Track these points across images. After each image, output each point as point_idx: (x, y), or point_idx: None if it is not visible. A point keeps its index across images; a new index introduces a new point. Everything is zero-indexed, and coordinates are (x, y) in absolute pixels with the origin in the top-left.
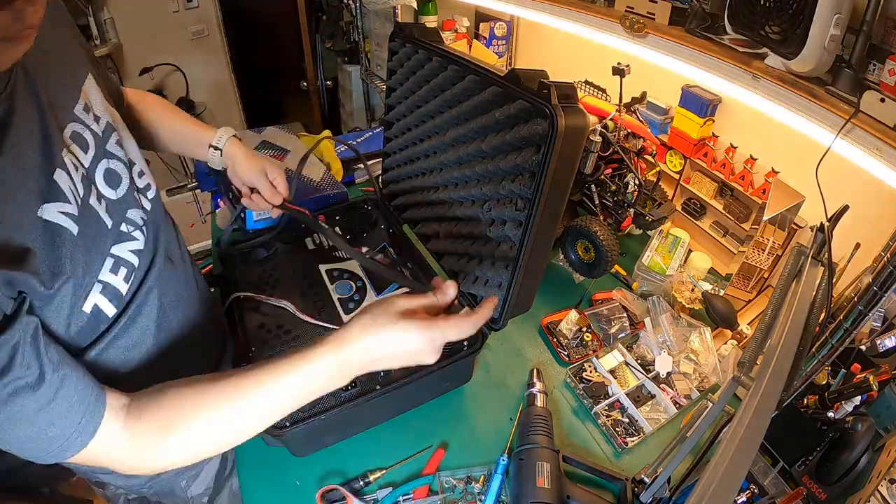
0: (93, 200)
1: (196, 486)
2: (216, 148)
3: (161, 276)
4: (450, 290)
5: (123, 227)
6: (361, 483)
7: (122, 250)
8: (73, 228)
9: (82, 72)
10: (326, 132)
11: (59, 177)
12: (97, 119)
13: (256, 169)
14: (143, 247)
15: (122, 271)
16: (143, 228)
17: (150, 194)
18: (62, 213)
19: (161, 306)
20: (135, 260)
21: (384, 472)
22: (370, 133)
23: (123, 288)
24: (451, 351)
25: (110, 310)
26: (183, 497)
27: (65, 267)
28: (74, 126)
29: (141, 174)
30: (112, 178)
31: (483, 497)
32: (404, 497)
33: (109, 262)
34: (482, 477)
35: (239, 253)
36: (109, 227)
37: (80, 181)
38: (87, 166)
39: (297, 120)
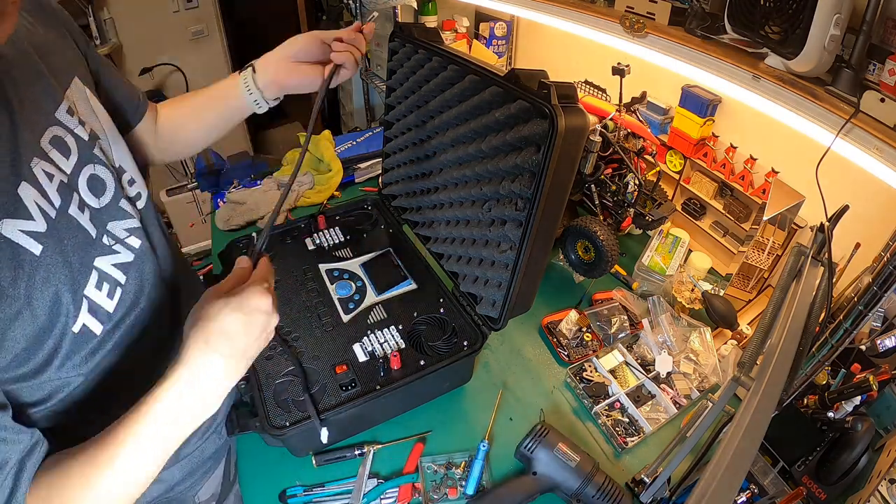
0: (73, 209)
1: (204, 491)
2: (250, 90)
3: (154, 293)
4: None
5: (105, 240)
6: (356, 453)
7: (106, 264)
8: (36, 248)
9: (69, 73)
10: (326, 132)
11: (24, 191)
12: (82, 123)
13: (308, 40)
14: (133, 259)
15: (105, 287)
16: (129, 241)
17: (141, 203)
18: (22, 231)
19: (154, 326)
20: (120, 276)
21: (379, 446)
22: (370, 133)
23: (110, 306)
24: (452, 351)
25: (97, 328)
26: None
27: (18, 291)
28: (55, 130)
29: (132, 182)
30: (96, 186)
31: (464, 483)
32: (388, 493)
33: (94, 276)
34: (463, 463)
35: (239, 253)
36: (94, 237)
37: (55, 191)
38: (68, 172)
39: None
